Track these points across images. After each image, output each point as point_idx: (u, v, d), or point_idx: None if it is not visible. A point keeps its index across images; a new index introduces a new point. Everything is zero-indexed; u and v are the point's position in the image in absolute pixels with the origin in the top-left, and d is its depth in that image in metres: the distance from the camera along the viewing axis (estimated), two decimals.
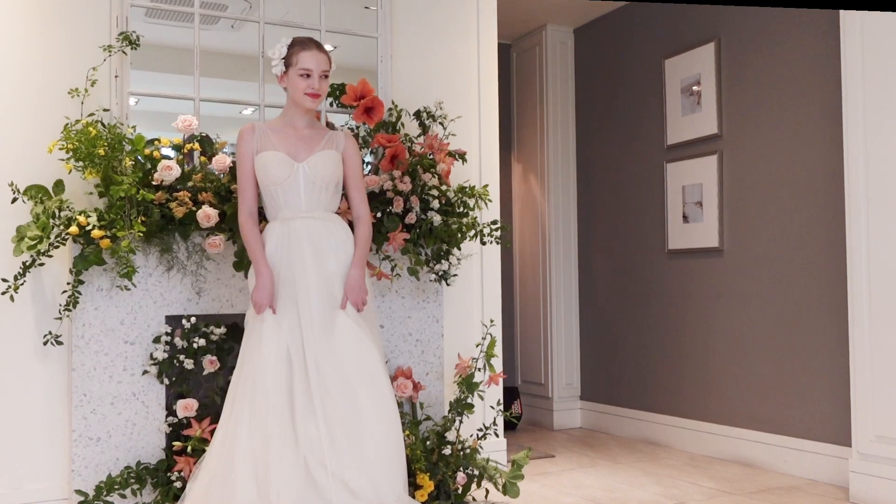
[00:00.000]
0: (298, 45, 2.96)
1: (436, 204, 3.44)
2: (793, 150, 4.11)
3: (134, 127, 3.19)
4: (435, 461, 3.23)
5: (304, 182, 2.92)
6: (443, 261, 3.49)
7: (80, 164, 3.00)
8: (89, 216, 2.96)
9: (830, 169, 3.89)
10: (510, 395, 5.30)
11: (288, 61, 2.96)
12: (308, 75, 2.93)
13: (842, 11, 3.66)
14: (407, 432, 3.16)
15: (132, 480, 3.04)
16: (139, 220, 2.99)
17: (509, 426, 5.23)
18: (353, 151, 3.06)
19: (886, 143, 3.49)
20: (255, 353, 2.80)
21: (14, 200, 3.01)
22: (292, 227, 2.89)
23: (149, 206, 3.04)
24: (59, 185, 3.06)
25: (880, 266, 3.49)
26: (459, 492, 3.29)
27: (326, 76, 2.97)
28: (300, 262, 2.86)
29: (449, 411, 3.37)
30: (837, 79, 3.78)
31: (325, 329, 2.83)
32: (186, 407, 3.10)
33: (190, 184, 3.18)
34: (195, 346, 3.15)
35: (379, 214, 3.34)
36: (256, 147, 2.95)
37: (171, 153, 3.25)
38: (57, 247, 2.96)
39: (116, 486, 3.01)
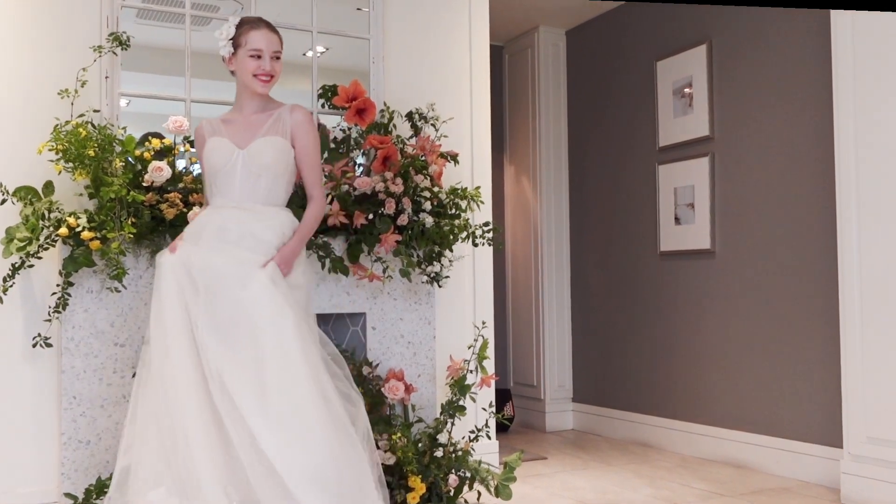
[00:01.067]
0: (248, 24, 2.80)
1: (428, 205, 3.43)
2: (784, 152, 4.12)
3: (124, 128, 3.18)
4: (427, 463, 3.22)
5: (241, 169, 2.73)
6: (435, 262, 3.48)
7: (70, 165, 2.98)
8: (79, 218, 2.94)
9: (822, 170, 3.90)
10: (502, 397, 5.29)
11: (236, 42, 2.78)
12: (258, 56, 2.76)
13: (833, 12, 3.68)
14: (399, 434, 3.15)
15: None
16: (129, 222, 2.97)
17: (501, 428, 5.22)
18: (303, 129, 2.80)
19: (877, 145, 3.49)
20: (155, 322, 2.65)
21: (3, 202, 2.99)
22: (217, 215, 2.72)
23: (139, 207, 3.02)
24: (48, 187, 3.05)
25: (871, 267, 3.50)
26: (451, 494, 3.28)
27: (278, 57, 2.80)
28: (213, 244, 2.65)
29: (441, 413, 3.37)
30: (829, 80, 3.79)
31: (233, 313, 2.58)
32: None
33: (181, 185, 3.17)
34: None
35: (371, 216, 3.34)
36: (207, 139, 2.84)
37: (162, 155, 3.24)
38: (46, 248, 2.94)
39: (106, 490, 2.99)
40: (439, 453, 3.24)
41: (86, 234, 2.89)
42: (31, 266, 2.97)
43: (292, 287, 2.70)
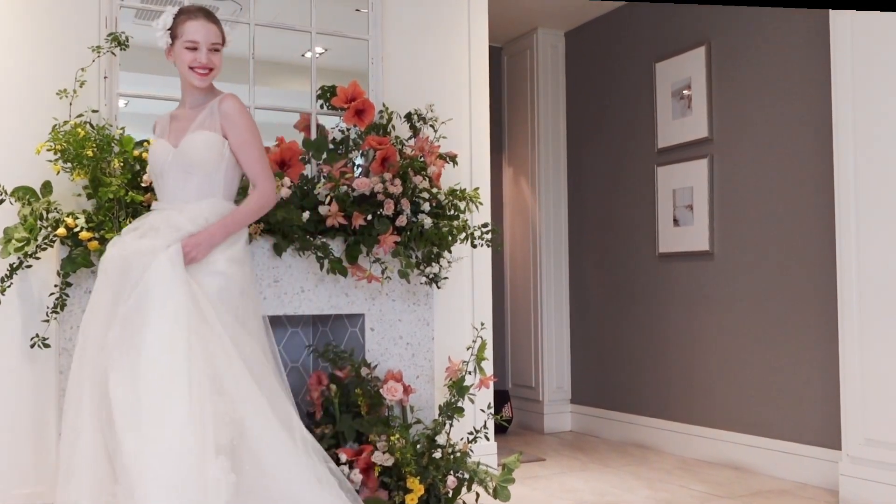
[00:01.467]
0: (185, 14, 2.68)
1: (426, 206, 3.43)
2: (783, 154, 4.12)
3: (123, 128, 3.18)
4: (425, 465, 3.21)
5: (174, 169, 2.63)
6: (433, 264, 3.47)
7: (69, 165, 2.98)
8: (77, 218, 2.94)
9: (821, 172, 3.90)
10: (501, 398, 5.29)
11: (174, 32, 2.67)
12: (195, 48, 2.64)
13: (832, 13, 3.68)
14: (397, 435, 3.14)
15: None
16: (128, 222, 2.96)
17: (500, 430, 5.22)
18: (232, 121, 2.65)
19: (876, 146, 3.49)
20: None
21: (1, 202, 2.98)
22: (152, 217, 2.64)
23: (137, 207, 3.02)
24: (46, 187, 3.04)
25: (870, 268, 3.50)
26: (450, 495, 3.27)
27: (217, 50, 2.67)
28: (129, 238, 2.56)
29: (439, 415, 3.36)
30: (828, 82, 3.79)
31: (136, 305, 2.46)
32: None
33: None
34: None
35: (369, 217, 3.33)
36: (157, 139, 2.79)
37: None
38: (44, 249, 2.94)
39: None
40: (438, 455, 3.24)
41: (84, 235, 2.89)
42: (29, 266, 2.97)
43: (212, 274, 2.56)
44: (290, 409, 2.63)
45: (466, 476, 3.32)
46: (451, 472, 3.27)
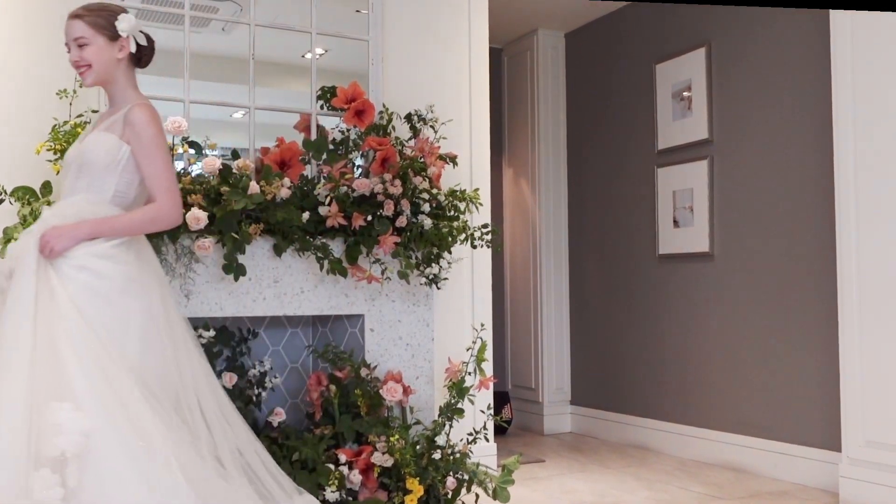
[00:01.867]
0: None
1: (426, 207, 3.43)
2: (783, 155, 4.12)
3: None
4: (425, 465, 3.21)
5: (73, 168, 2.53)
6: (433, 264, 3.47)
7: None
8: None
9: (821, 173, 3.90)
10: (500, 399, 5.29)
11: None
12: (68, 49, 2.56)
13: (832, 13, 3.68)
14: (397, 436, 3.14)
15: None
16: None
17: (499, 431, 5.21)
18: (133, 131, 2.50)
19: (876, 147, 3.49)
20: None
21: (1, 202, 2.98)
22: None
23: None
24: (46, 187, 3.04)
25: (870, 270, 3.50)
26: (449, 496, 3.27)
27: (84, 44, 2.54)
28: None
29: (439, 416, 3.36)
30: (828, 82, 3.79)
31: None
32: None
33: (179, 186, 3.15)
34: None
35: (369, 218, 3.33)
36: None
37: None
38: None
39: None
40: (437, 455, 3.23)
41: None
42: None
43: (76, 268, 2.38)
44: (159, 423, 2.32)
45: (466, 477, 3.32)
46: (451, 473, 3.27)
